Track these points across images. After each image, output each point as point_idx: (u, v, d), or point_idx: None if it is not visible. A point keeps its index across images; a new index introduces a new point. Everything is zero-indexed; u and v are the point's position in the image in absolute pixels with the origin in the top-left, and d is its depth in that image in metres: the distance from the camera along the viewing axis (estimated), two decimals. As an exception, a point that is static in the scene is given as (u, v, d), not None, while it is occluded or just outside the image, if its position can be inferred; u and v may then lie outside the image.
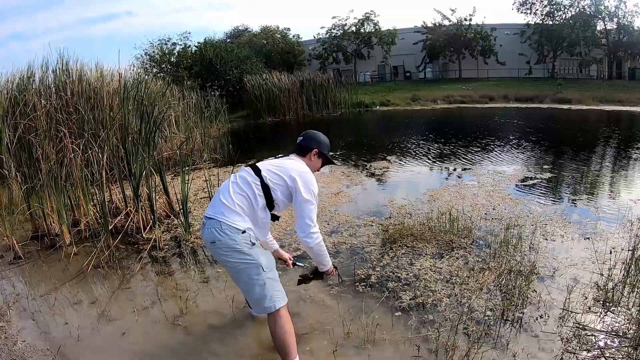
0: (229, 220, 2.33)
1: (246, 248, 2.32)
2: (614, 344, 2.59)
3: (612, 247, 3.88)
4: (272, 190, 2.45)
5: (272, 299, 2.34)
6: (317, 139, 2.77)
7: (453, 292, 3.29)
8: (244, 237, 2.32)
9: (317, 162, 2.77)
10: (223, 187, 2.54)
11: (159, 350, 2.82)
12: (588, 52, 31.93)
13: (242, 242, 2.31)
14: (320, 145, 2.75)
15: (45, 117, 6.27)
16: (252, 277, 2.34)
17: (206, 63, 23.00)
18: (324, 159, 2.80)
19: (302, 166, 2.59)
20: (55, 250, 4.60)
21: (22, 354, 2.82)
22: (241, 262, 2.33)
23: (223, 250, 2.33)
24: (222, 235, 2.31)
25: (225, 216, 2.34)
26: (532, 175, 6.82)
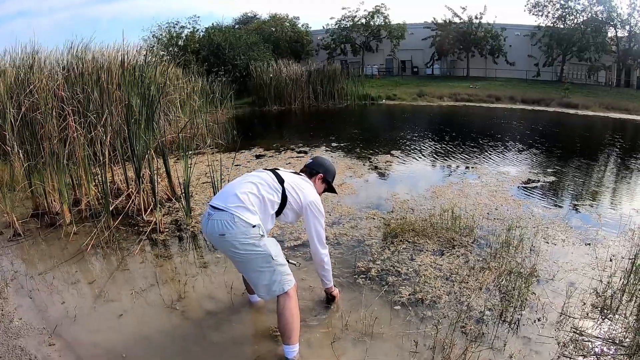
0: (243, 215, 2.37)
1: (257, 240, 2.38)
2: (610, 351, 2.59)
3: (613, 254, 3.87)
4: (288, 203, 2.60)
5: (280, 283, 2.43)
6: (324, 165, 2.97)
7: (453, 289, 3.29)
8: (254, 231, 2.37)
9: (320, 186, 2.93)
10: (239, 182, 2.57)
11: (155, 334, 2.82)
12: (597, 58, 31.64)
13: (252, 235, 2.36)
14: (327, 172, 2.95)
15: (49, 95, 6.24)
16: (262, 266, 2.41)
17: (214, 48, 22.87)
18: (327, 185, 2.99)
19: (314, 191, 2.80)
20: (55, 228, 4.60)
21: (17, 332, 2.82)
22: (251, 253, 2.38)
23: (233, 242, 2.35)
24: (233, 227, 2.34)
25: (239, 211, 2.37)
26: (536, 178, 6.79)
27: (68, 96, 6.20)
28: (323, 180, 2.93)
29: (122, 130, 5.63)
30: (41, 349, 2.65)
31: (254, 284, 2.49)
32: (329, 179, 2.96)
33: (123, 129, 5.59)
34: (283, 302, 2.43)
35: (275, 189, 2.57)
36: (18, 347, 2.66)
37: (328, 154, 8.81)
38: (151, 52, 15.77)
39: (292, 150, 9.01)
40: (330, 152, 8.96)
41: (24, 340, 2.75)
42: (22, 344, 2.69)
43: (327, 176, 2.94)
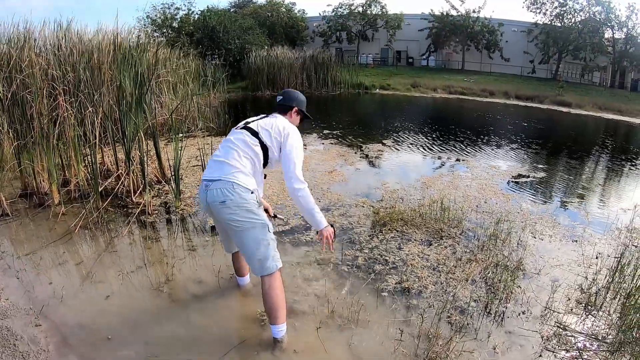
0: (240, 180, 2.40)
1: (255, 207, 2.42)
2: (593, 347, 2.63)
3: (599, 252, 3.92)
4: (269, 150, 2.57)
5: (274, 259, 2.45)
6: (296, 97, 2.89)
7: (439, 280, 3.32)
8: (253, 197, 2.42)
9: (296, 119, 2.90)
10: (225, 151, 2.55)
11: (141, 316, 2.82)
12: (593, 58, 31.80)
13: (251, 202, 2.40)
14: (300, 103, 2.89)
15: (41, 74, 6.13)
16: (259, 236, 2.42)
17: (208, 31, 22.61)
18: (302, 115, 2.94)
19: (290, 125, 2.71)
20: (44, 209, 4.57)
21: (4, 312, 2.81)
22: (249, 220, 2.39)
23: (232, 209, 2.37)
24: (233, 194, 2.37)
25: (236, 177, 2.41)
26: (526, 173, 6.83)
27: (59, 75, 6.10)
28: (298, 112, 2.90)
29: (113, 111, 5.55)
30: (27, 330, 2.64)
31: (249, 256, 2.47)
32: (303, 108, 2.93)
33: (114, 110, 5.51)
34: (269, 282, 2.44)
35: (253, 144, 2.54)
36: (4, 328, 2.65)
37: (320, 140, 8.80)
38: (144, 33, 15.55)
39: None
40: (322, 139, 8.94)
41: (10, 320, 2.73)
42: (9, 325, 2.68)
43: (300, 107, 2.90)
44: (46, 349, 2.49)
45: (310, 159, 6.98)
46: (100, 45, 7.32)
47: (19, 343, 2.53)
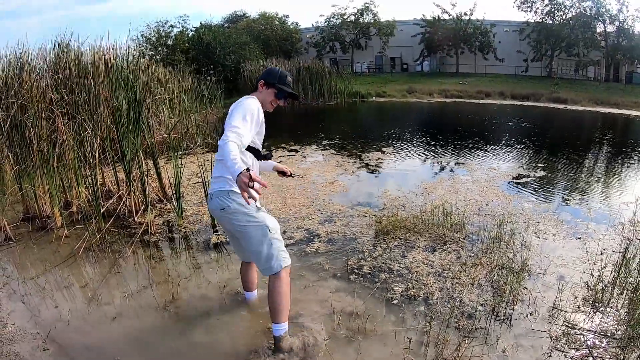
0: (234, 187, 2.45)
1: (253, 211, 2.51)
2: (602, 344, 2.62)
3: (603, 248, 3.91)
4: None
5: (278, 259, 2.50)
6: (266, 71, 2.77)
7: (445, 285, 3.31)
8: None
9: (267, 93, 2.71)
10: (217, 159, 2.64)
11: (149, 336, 2.82)
12: (586, 54, 31.96)
13: (248, 206, 2.47)
14: (268, 76, 2.72)
15: (39, 98, 6.18)
16: (259, 237, 2.50)
17: (204, 47, 22.78)
18: (274, 88, 2.70)
19: (246, 97, 2.61)
20: (47, 232, 4.55)
21: (11, 337, 2.80)
22: (249, 224, 2.49)
23: (232, 214, 2.49)
24: (230, 201, 2.49)
25: (230, 185, 2.49)
26: (526, 173, 6.85)
27: (57, 98, 6.14)
28: (267, 86, 2.69)
29: (111, 131, 5.58)
30: (35, 354, 2.64)
31: (255, 257, 2.57)
32: (273, 81, 2.69)
33: (112, 130, 5.54)
34: (273, 282, 2.51)
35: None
36: (12, 353, 2.64)
37: (319, 151, 8.81)
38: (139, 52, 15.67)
39: (282, 149, 8.99)
40: (321, 150, 8.96)
41: (18, 345, 2.72)
42: (17, 350, 2.68)
43: (268, 79, 2.69)
44: None
45: (311, 171, 7.01)
46: (94, 65, 7.37)
47: None
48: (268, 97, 2.71)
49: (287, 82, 2.74)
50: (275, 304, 2.51)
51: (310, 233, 4.45)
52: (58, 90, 6.42)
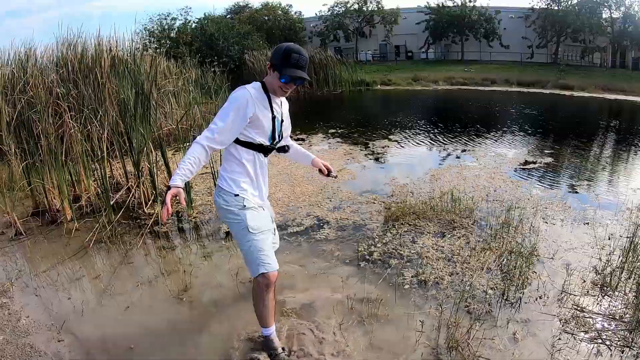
0: (224, 185, 2.42)
1: (236, 209, 2.38)
2: (611, 327, 2.65)
3: (611, 233, 3.93)
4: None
5: (255, 262, 2.33)
6: (276, 49, 2.38)
7: (455, 270, 3.35)
8: (237, 200, 2.38)
9: (273, 77, 2.36)
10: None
11: (163, 324, 2.86)
12: (592, 40, 31.66)
13: (233, 204, 2.38)
14: (272, 55, 2.37)
15: (45, 93, 6.21)
16: (239, 237, 2.41)
17: (207, 39, 22.75)
18: (277, 71, 2.33)
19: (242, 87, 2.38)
20: (57, 226, 4.58)
21: (26, 330, 2.85)
22: (232, 221, 2.41)
23: (220, 210, 2.47)
24: (218, 197, 2.45)
25: (221, 182, 2.46)
26: (533, 159, 6.85)
27: (63, 93, 6.17)
28: (272, 67, 2.34)
29: (118, 124, 5.61)
30: (50, 346, 2.68)
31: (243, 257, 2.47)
32: (276, 62, 2.31)
33: (119, 123, 5.57)
34: (254, 286, 2.40)
35: None
36: (27, 345, 2.69)
37: (326, 140, 8.81)
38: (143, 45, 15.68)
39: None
40: (327, 138, 8.96)
41: (32, 337, 2.77)
42: (32, 342, 2.72)
43: (274, 60, 2.32)
44: None
45: (318, 159, 7.00)
46: (99, 59, 7.38)
47: (43, 359, 2.57)
48: (274, 81, 2.35)
49: (293, 60, 2.29)
50: (255, 308, 2.45)
51: (320, 220, 4.49)
52: (65, 85, 6.45)
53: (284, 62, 2.29)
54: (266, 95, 2.39)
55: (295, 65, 2.29)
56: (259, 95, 2.36)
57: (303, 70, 2.32)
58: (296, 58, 2.29)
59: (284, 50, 2.30)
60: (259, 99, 2.35)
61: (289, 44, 2.36)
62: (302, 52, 2.32)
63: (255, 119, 2.33)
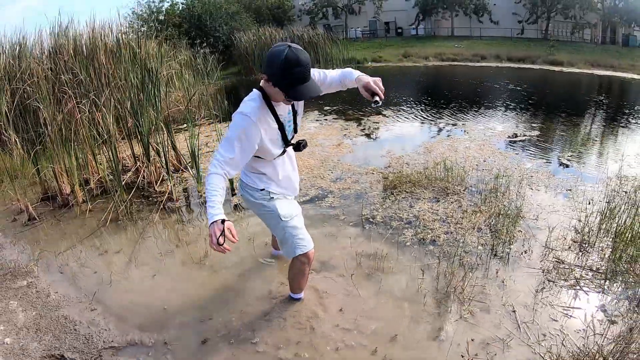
0: (247, 181, 2.44)
1: (265, 202, 2.41)
2: (588, 276, 2.99)
3: (591, 198, 4.24)
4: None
5: (292, 245, 2.44)
6: (268, 57, 1.99)
7: (449, 230, 3.71)
8: (263, 193, 2.40)
9: (273, 90, 2.05)
10: None
11: (190, 287, 3.12)
12: (583, 16, 31.64)
13: (260, 198, 2.41)
14: (268, 67, 1.99)
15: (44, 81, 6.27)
16: (274, 224, 2.48)
17: (195, 20, 22.57)
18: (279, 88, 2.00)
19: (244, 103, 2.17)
20: (69, 209, 4.69)
21: (57, 304, 3.00)
22: (263, 212, 2.47)
23: (249, 204, 2.51)
24: (243, 192, 2.49)
25: (244, 177, 2.47)
26: (521, 132, 7.11)
27: (67, 80, 6.30)
28: (270, 82, 2.03)
29: (124, 107, 5.77)
30: (84, 315, 2.86)
31: (277, 239, 2.62)
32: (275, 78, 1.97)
33: (125, 106, 5.74)
34: (291, 263, 2.60)
35: None
36: (62, 317, 2.85)
37: (322, 116, 8.96)
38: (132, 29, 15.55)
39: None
40: (323, 115, 9.13)
41: (65, 310, 2.93)
42: (65, 314, 2.88)
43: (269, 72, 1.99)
44: (107, 327, 2.72)
45: (316, 135, 7.26)
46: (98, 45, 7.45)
47: (79, 327, 2.74)
48: (277, 95, 2.07)
49: (298, 75, 1.94)
50: (290, 279, 2.75)
51: (324, 190, 4.77)
52: (67, 72, 6.55)
53: (287, 80, 1.95)
54: (269, 108, 2.17)
55: (301, 80, 1.96)
56: (261, 112, 2.12)
57: (310, 78, 2.01)
58: (300, 72, 1.94)
59: (283, 66, 1.91)
60: (262, 117, 2.13)
61: (285, 53, 1.90)
62: (303, 60, 1.94)
63: (263, 141, 2.17)
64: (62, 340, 2.65)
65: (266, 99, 2.15)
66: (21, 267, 3.54)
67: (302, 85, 1.98)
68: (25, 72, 6.57)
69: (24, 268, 3.52)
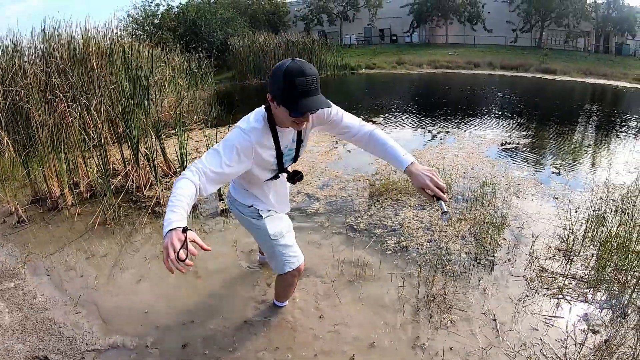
0: (236, 196, 2.36)
1: (254, 220, 2.33)
2: (572, 285, 3.00)
3: (578, 207, 4.27)
4: None
5: (281, 263, 2.38)
6: (270, 75, 1.84)
7: (433, 238, 3.71)
8: (251, 210, 2.32)
9: (278, 110, 1.87)
10: None
11: (173, 292, 3.12)
12: (576, 25, 32.05)
13: (248, 214, 2.33)
14: (272, 83, 1.83)
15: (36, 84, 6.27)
16: (261, 242, 2.46)
17: (190, 25, 22.64)
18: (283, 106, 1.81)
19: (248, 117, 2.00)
20: (58, 211, 4.69)
21: (42, 306, 3.02)
22: (251, 228, 2.39)
23: (238, 218, 2.44)
24: (232, 206, 2.43)
25: (233, 193, 2.39)
26: (511, 141, 7.14)
27: (59, 82, 6.29)
28: (275, 102, 1.84)
29: (115, 111, 5.78)
30: (69, 317, 2.87)
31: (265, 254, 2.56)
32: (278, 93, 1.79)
33: (116, 110, 5.74)
34: (279, 276, 2.54)
35: None
36: (46, 319, 2.87)
37: (312, 124, 8.96)
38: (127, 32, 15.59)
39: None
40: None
41: (50, 312, 2.95)
42: (50, 316, 2.90)
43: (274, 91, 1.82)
44: (90, 330, 2.73)
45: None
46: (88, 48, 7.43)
47: (63, 330, 2.76)
48: (283, 117, 1.87)
49: (300, 87, 1.74)
50: (276, 289, 2.75)
51: (310, 197, 4.78)
52: (60, 75, 6.54)
53: (289, 93, 1.75)
54: (271, 131, 1.98)
55: (305, 93, 1.75)
56: (262, 135, 1.95)
57: (317, 92, 1.78)
58: (303, 82, 1.73)
59: (284, 77, 1.74)
60: (261, 140, 1.95)
61: (286, 65, 1.76)
62: (307, 70, 1.75)
63: (252, 167, 2.01)
64: (47, 342, 2.67)
65: (270, 122, 1.96)
66: (9, 269, 3.55)
67: (307, 98, 1.75)
68: (18, 74, 6.54)
69: (12, 270, 3.53)
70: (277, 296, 2.82)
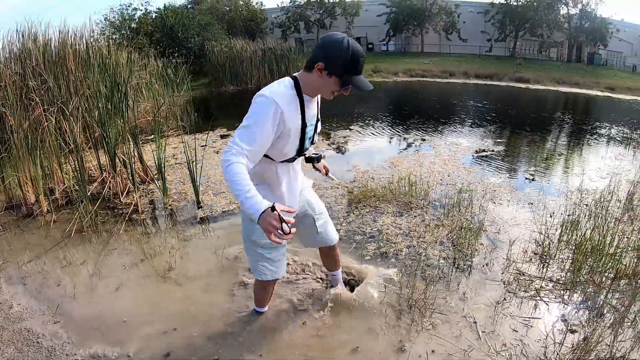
0: None
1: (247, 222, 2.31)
2: (548, 287, 3.10)
3: (552, 212, 4.41)
4: None
5: (254, 268, 2.43)
6: (326, 45, 1.86)
7: (412, 244, 3.78)
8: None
9: (328, 81, 1.90)
10: None
11: (153, 299, 3.09)
12: (550, 35, 33.00)
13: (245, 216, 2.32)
14: (331, 58, 1.84)
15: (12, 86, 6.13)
16: (244, 241, 2.42)
17: (167, 30, 22.42)
18: (342, 80, 1.88)
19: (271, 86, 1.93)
20: (33, 219, 4.59)
21: (19, 316, 2.94)
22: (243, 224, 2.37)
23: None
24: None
25: None
26: (486, 148, 7.32)
27: (35, 86, 6.16)
28: (326, 72, 1.87)
29: (92, 116, 5.68)
30: (47, 327, 2.81)
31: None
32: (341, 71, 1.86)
33: (93, 115, 5.65)
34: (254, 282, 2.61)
35: None
36: (24, 330, 2.80)
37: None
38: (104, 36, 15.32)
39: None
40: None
41: (28, 322, 2.88)
42: (27, 326, 2.83)
43: (332, 65, 1.84)
44: (70, 340, 2.68)
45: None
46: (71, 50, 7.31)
47: (42, 340, 2.69)
48: (329, 85, 1.92)
49: (361, 66, 1.90)
50: (254, 291, 2.76)
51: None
52: (36, 78, 6.40)
53: (352, 69, 1.87)
54: (299, 99, 1.97)
55: (360, 72, 1.91)
56: (289, 101, 1.92)
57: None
58: (362, 63, 1.90)
59: (351, 55, 1.83)
60: (289, 107, 1.91)
61: (350, 43, 1.84)
62: (363, 53, 1.91)
63: (283, 135, 1.96)
64: (25, 353, 2.60)
65: (297, 90, 1.94)
66: (-17, 278, 3.45)
67: (359, 77, 1.91)
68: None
69: (-14, 280, 3.39)
70: (255, 300, 2.82)
